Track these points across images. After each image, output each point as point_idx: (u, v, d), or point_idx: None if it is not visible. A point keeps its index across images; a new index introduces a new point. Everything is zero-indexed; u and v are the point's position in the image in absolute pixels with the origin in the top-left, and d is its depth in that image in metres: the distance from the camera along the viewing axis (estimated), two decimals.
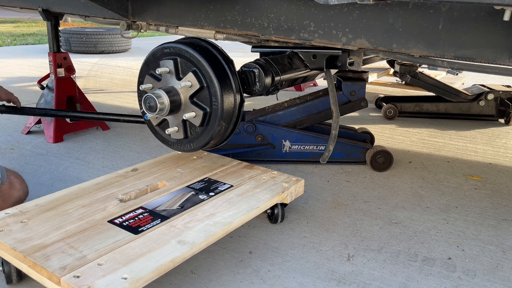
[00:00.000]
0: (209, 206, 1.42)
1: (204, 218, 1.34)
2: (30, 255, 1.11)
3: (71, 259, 1.10)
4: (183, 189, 1.53)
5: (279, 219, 1.64)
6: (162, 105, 1.51)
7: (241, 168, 1.74)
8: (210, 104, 1.55)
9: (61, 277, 1.03)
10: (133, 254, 1.14)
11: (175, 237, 1.23)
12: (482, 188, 2.05)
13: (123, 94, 3.91)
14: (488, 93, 3.14)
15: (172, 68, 1.55)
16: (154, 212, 1.36)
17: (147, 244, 1.19)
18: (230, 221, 1.34)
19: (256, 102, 3.40)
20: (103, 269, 1.07)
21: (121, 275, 1.05)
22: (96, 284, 1.02)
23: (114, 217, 1.31)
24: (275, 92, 1.91)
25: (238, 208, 1.42)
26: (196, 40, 1.61)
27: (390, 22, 1.60)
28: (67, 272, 1.05)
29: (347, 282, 1.34)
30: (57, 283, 1.04)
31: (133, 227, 1.26)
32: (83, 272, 1.05)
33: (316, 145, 2.21)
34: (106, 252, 1.14)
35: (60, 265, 1.07)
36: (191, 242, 1.21)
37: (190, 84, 1.53)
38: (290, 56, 1.97)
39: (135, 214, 1.34)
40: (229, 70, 1.58)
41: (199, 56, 1.52)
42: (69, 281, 1.02)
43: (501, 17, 1.17)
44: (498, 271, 1.42)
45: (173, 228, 1.27)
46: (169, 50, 1.58)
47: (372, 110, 3.44)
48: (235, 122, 1.65)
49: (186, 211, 1.38)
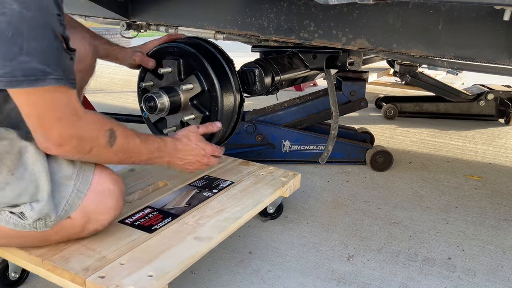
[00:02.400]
0: (215, 203, 1.43)
1: (213, 214, 1.35)
2: (48, 258, 1.09)
3: (92, 260, 1.09)
4: (186, 187, 1.54)
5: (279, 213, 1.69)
6: (162, 106, 1.51)
7: (238, 165, 1.74)
8: (210, 108, 1.55)
9: (86, 278, 1.02)
10: (152, 252, 1.14)
11: (189, 234, 1.24)
12: (482, 188, 2.05)
13: (123, 94, 3.91)
14: (488, 93, 3.14)
15: (175, 68, 1.54)
16: (163, 210, 1.37)
17: (164, 242, 1.20)
18: (240, 216, 1.35)
19: (256, 102, 3.40)
20: (127, 268, 1.07)
21: (147, 273, 1.05)
22: (123, 283, 1.01)
23: (124, 217, 1.31)
24: (275, 92, 1.91)
25: (244, 203, 1.43)
26: (200, 42, 1.60)
27: (390, 22, 1.60)
28: (91, 273, 1.04)
29: (347, 282, 1.34)
30: (81, 284, 1.02)
31: (146, 226, 1.27)
32: (107, 272, 1.04)
33: (316, 145, 2.21)
34: (125, 251, 1.13)
35: (82, 267, 1.06)
36: (208, 238, 1.22)
37: (191, 86, 1.52)
38: (290, 56, 1.97)
39: (144, 214, 1.34)
40: (231, 75, 1.57)
41: (204, 60, 1.51)
42: (95, 281, 1.01)
43: (501, 17, 1.17)
44: (498, 271, 1.42)
45: (186, 225, 1.28)
46: (173, 50, 1.57)
47: (372, 110, 3.44)
48: (234, 125, 1.66)
49: (194, 208, 1.39)
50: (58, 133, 0.97)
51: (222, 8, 1.95)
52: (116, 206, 1.14)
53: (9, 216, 1.02)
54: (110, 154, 1.08)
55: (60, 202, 1.04)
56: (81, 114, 0.99)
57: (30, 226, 1.04)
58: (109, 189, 1.11)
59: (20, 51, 0.87)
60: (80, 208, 1.07)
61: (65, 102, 0.96)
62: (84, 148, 1.02)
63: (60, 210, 1.05)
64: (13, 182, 1.00)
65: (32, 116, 0.95)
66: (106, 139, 1.05)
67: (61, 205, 1.05)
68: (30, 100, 0.92)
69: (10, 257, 1.16)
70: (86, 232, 1.13)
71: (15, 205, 1.02)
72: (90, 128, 1.02)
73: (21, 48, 0.87)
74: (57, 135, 0.97)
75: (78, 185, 1.07)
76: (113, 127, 1.07)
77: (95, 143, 1.03)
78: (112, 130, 1.06)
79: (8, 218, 1.02)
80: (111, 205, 1.12)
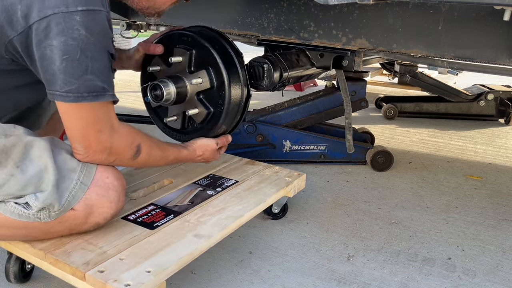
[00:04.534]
0: (218, 201, 1.44)
1: (215, 213, 1.36)
2: (50, 252, 1.11)
3: (93, 255, 1.11)
4: (190, 185, 1.55)
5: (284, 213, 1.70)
6: (169, 96, 1.47)
7: (243, 164, 1.75)
8: (216, 105, 1.51)
9: (86, 272, 1.04)
10: (152, 248, 1.16)
11: (190, 231, 1.25)
12: (482, 188, 2.05)
13: (123, 94, 3.91)
14: (488, 93, 3.14)
15: (186, 59, 1.49)
16: (166, 208, 1.38)
17: (165, 238, 1.21)
18: (241, 215, 1.36)
19: (255, 102, 3.40)
20: (126, 263, 1.08)
21: (145, 269, 1.07)
22: (122, 277, 1.03)
23: (127, 214, 1.32)
24: (281, 88, 1.90)
25: (247, 202, 1.44)
26: (215, 34, 1.54)
27: (390, 22, 1.60)
28: (91, 267, 1.06)
29: (347, 282, 1.34)
30: (81, 278, 1.05)
31: (148, 223, 1.28)
32: (107, 267, 1.06)
33: (317, 145, 2.21)
34: (125, 247, 1.15)
35: (83, 261, 1.08)
36: (207, 236, 1.23)
37: (201, 81, 1.48)
38: (297, 53, 1.95)
39: (147, 211, 1.35)
40: (241, 72, 1.52)
41: (217, 57, 1.46)
42: (95, 275, 1.03)
43: (501, 17, 1.17)
44: (498, 271, 1.42)
45: (187, 223, 1.29)
46: (186, 39, 1.50)
47: (372, 110, 3.44)
48: (238, 121, 1.62)
49: (197, 206, 1.40)
50: (96, 144, 1.08)
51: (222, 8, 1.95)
52: (118, 200, 1.16)
53: (14, 206, 1.06)
54: (130, 163, 1.21)
55: (63, 193, 1.07)
56: (116, 127, 1.12)
57: (34, 216, 1.07)
58: (112, 183, 1.15)
59: (85, 71, 1.00)
60: (83, 200, 1.10)
61: (108, 115, 1.09)
62: (110, 159, 1.14)
63: (64, 200, 1.07)
64: (18, 174, 1.04)
65: (76, 127, 1.06)
66: (131, 154, 1.17)
67: (65, 195, 1.07)
68: (79, 114, 1.04)
69: (16, 251, 1.18)
70: (89, 225, 1.16)
71: (20, 196, 1.06)
72: (122, 142, 1.14)
73: (86, 68, 1.00)
74: (95, 146, 1.08)
75: (82, 177, 1.10)
76: (141, 142, 1.19)
77: (121, 156, 1.15)
78: (139, 147, 1.18)
79: (12, 209, 1.06)
80: (113, 199, 1.15)
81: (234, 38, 1.97)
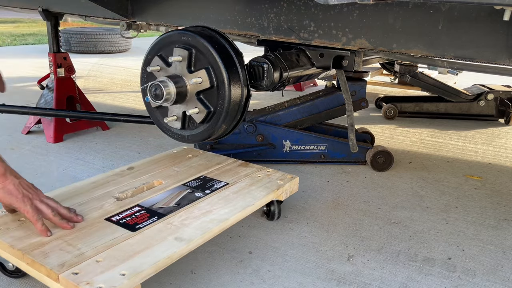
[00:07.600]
0: (205, 204, 1.42)
1: (200, 215, 1.35)
2: (28, 252, 1.11)
3: (70, 256, 1.11)
4: (179, 187, 1.54)
5: (275, 216, 1.65)
6: (168, 95, 1.47)
7: (237, 166, 1.74)
8: (216, 105, 1.51)
9: (59, 274, 1.04)
10: (130, 251, 1.15)
11: (172, 234, 1.24)
12: (482, 188, 2.05)
13: (123, 94, 3.91)
14: (488, 93, 3.14)
15: (186, 58, 1.49)
16: (151, 209, 1.37)
17: (145, 241, 1.20)
18: (226, 218, 1.35)
19: (255, 102, 3.40)
20: (102, 266, 1.08)
21: (119, 271, 1.06)
22: (94, 280, 1.02)
23: (111, 215, 1.32)
24: (281, 88, 1.90)
25: (234, 205, 1.42)
26: (215, 35, 1.55)
27: (390, 22, 1.60)
28: (65, 269, 1.06)
29: (347, 282, 1.34)
30: (55, 280, 1.05)
31: (130, 225, 1.27)
32: (82, 269, 1.06)
33: (317, 145, 2.21)
34: (104, 249, 1.15)
35: (58, 262, 1.08)
36: (188, 239, 1.22)
37: (200, 80, 1.48)
38: (297, 53, 1.95)
39: (132, 212, 1.34)
40: (241, 72, 1.52)
41: (217, 57, 1.47)
42: (68, 277, 1.03)
43: (501, 17, 1.17)
44: (498, 271, 1.42)
45: (170, 225, 1.28)
46: (186, 38, 1.51)
47: (372, 110, 3.44)
48: (237, 122, 1.62)
49: (183, 208, 1.38)
50: None
51: (222, 8, 1.95)
52: None
53: None
54: None
55: None
56: None
57: None
58: None
59: None
60: None
61: None
62: None
63: None
64: None
65: None
66: None
67: None
68: None
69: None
70: None
71: None
72: None
73: None
74: None
75: None
76: None
77: None
78: None
79: None
80: None
81: (234, 38, 1.97)
